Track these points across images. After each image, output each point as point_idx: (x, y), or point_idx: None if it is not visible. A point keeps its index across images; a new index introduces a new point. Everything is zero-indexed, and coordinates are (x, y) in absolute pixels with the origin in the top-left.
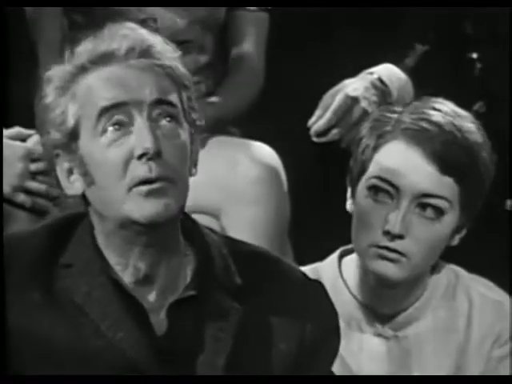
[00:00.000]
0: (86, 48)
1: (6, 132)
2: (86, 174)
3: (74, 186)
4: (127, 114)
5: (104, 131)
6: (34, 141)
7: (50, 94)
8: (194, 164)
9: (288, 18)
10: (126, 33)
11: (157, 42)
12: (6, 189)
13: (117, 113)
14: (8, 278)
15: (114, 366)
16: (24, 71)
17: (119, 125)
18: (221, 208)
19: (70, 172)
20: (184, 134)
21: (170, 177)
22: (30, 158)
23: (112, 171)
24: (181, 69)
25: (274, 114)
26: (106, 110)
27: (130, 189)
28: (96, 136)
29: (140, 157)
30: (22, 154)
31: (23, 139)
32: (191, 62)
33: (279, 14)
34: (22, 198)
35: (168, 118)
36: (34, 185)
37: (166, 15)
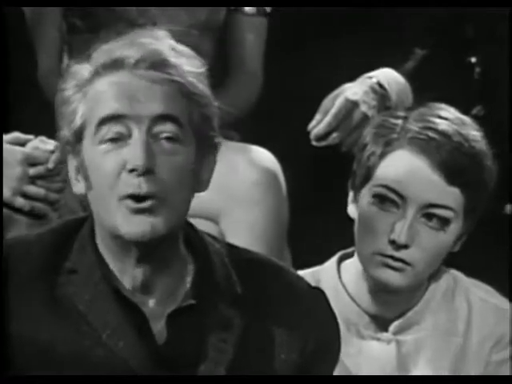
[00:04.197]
0: (102, 51)
1: (5, 137)
2: (86, 178)
3: (78, 185)
4: (126, 127)
5: (102, 140)
6: (32, 145)
7: (69, 88)
8: (206, 181)
9: (286, 22)
10: (143, 42)
11: (174, 55)
12: (5, 193)
13: (116, 124)
14: (11, 282)
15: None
16: (23, 75)
17: (117, 136)
18: (220, 212)
19: (77, 170)
20: (186, 153)
21: (161, 195)
22: (29, 162)
23: (105, 180)
24: (198, 86)
25: (273, 118)
26: (105, 121)
27: (120, 200)
28: (95, 143)
29: (130, 171)
30: (21, 159)
31: (22, 144)
32: None
33: (278, 17)
34: (20, 202)
35: (169, 134)
36: (32, 189)
37: (165, 19)
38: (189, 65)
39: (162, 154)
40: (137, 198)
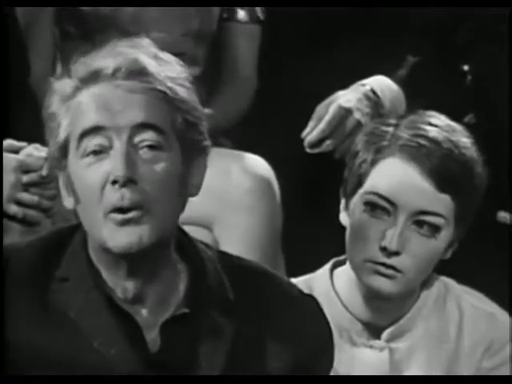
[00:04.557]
0: (80, 64)
1: None
2: (73, 192)
3: (69, 199)
4: (107, 138)
5: (84, 154)
6: (26, 152)
7: (52, 104)
8: (197, 185)
9: (280, 29)
10: (119, 51)
11: (154, 62)
12: None
13: (97, 137)
14: (3, 289)
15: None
16: (17, 81)
17: (99, 149)
18: (213, 219)
19: (66, 184)
20: (170, 159)
21: (145, 205)
22: (23, 169)
23: (90, 194)
24: (179, 91)
25: (266, 125)
26: (86, 134)
27: (106, 214)
28: (78, 156)
29: (113, 183)
30: (15, 166)
31: (15, 151)
32: None
33: (271, 24)
34: (14, 209)
35: (150, 143)
36: (26, 196)
37: (158, 27)
38: (170, 71)
39: (143, 163)
40: (121, 210)
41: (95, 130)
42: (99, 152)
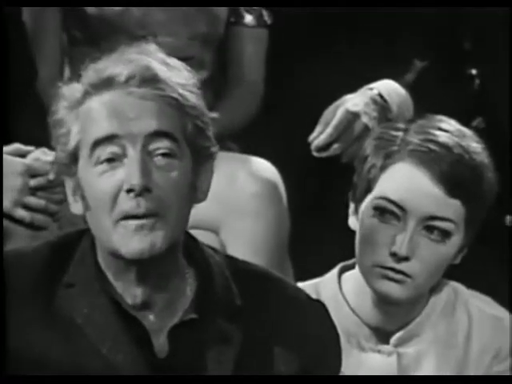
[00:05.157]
0: (92, 70)
1: (5, 148)
2: (83, 198)
3: (76, 205)
4: (121, 147)
5: (97, 162)
6: (33, 157)
7: (59, 110)
8: (205, 191)
9: (287, 34)
10: (131, 58)
11: (165, 69)
12: (6, 204)
13: (110, 145)
14: (9, 294)
15: None
16: (24, 86)
17: (113, 157)
18: (220, 223)
19: (74, 191)
20: (183, 167)
21: (160, 212)
22: (30, 173)
23: (102, 201)
24: (190, 98)
25: (273, 130)
26: (99, 142)
27: (117, 221)
28: (90, 164)
29: (128, 191)
30: (22, 170)
31: (22, 155)
32: None
33: (278, 29)
34: (21, 213)
35: (164, 151)
36: (33, 200)
37: (165, 31)
38: (179, 77)
39: (158, 170)
40: (135, 216)
41: (109, 138)
42: (112, 160)
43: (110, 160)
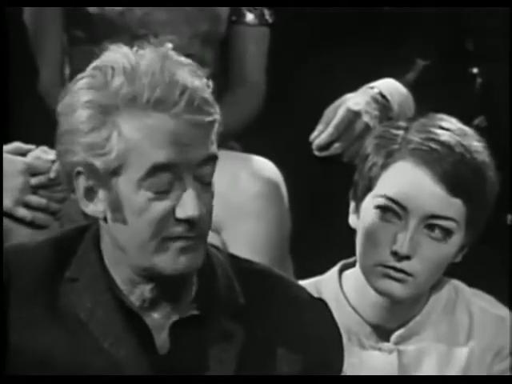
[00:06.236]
0: (143, 85)
1: (6, 147)
2: (117, 210)
3: (94, 207)
4: (177, 174)
5: (150, 186)
6: (33, 155)
7: (83, 114)
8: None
9: (288, 33)
10: (183, 82)
11: (207, 91)
12: (7, 203)
13: (167, 172)
14: (11, 289)
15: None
16: (24, 86)
17: (167, 184)
18: (222, 222)
19: (91, 190)
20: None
21: (205, 234)
22: (30, 172)
23: (148, 225)
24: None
25: (275, 129)
26: (157, 168)
27: (162, 242)
28: (139, 186)
29: (181, 220)
30: (22, 169)
31: (23, 154)
32: None
33: (280, 28)
34: (22, 212)
35: (209, 174)
36: (34, 199)
37: (166, 31)
38: (201, 83)
39: (204, 192)
40: (183, 238)
41: (168, 166)
42: (165, 188)
43: (163, 188)
